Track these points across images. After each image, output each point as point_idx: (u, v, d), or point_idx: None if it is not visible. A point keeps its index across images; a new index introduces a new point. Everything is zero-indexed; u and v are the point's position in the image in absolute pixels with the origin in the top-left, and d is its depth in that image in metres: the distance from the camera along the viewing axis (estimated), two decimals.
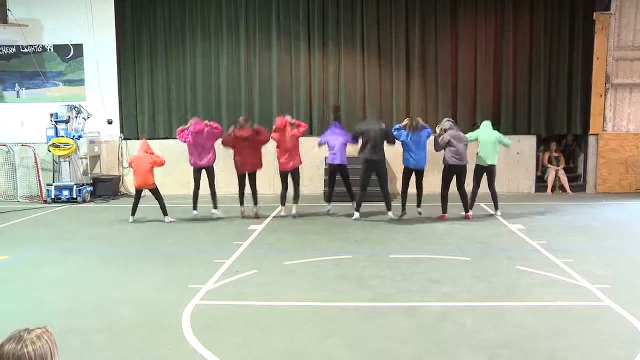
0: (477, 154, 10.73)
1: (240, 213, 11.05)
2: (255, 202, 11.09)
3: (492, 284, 6.74)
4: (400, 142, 10.66)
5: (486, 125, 11.03)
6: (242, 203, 11.09)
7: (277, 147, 11.01)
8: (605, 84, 13.70)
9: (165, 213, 10.85)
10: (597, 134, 13.82)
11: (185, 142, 10.92)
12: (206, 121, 11.05)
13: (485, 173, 10.75)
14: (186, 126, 11.00)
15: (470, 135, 10.81)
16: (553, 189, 13.89)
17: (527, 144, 13.99)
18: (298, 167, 11.10)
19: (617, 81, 13.68)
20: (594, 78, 13.67)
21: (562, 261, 7.58)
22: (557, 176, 13.87)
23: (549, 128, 14.01)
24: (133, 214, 10.90)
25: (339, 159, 10.90)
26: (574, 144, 14.80)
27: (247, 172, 10.96)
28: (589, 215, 11.10)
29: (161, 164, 10.85)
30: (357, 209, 10.76)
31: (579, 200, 12.77)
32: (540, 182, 14.11)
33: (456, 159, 10.43)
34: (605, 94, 13.73)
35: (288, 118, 11.06)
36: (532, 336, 5.17)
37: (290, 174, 11.04)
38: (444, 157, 10.54)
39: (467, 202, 10.68)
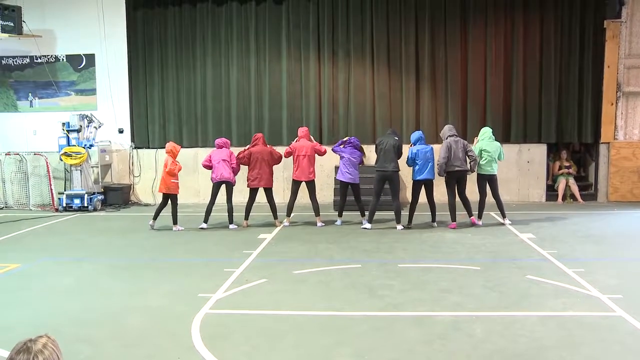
0: (478, 163, 10.74)
1: (243, 225, 11.07)
2: (275, 217, 11.15)
3: (502, 293, 6.70)
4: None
5: (487, 133, 11.04)
6: (247, 217, 11.13)
7: (294, 156, 11.07)
8: (617, 92, 13.62)
9: (175, 222, 10.90)
10: (608, 143, 13.73)
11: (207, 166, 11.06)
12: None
13: (487, 182, 10.76)
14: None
15: (475, 148, 10.79)
16: (564, 198, 13.79)
17: (538, 152, 13.93)
18: (313, 180, 11.16)
19: (628, 89, 13.60)
20: (605, 86, 13.60)
21: (573, 271, 7.52)
22: (567, 185, 13.78)
23: (559, 136, 13.93)
24: (155, 218, 10.94)
25: (348, 177, 10.93)
26: (581, 150, 14.71)
27: (258, 188, 11.01)
28: (601, 224, 11.01)
29: (172, 171, 10.84)
30: (370, 220, 10.76)
31: (590, 209, 12.67)
32: (551, 191, 14.02)
33: (456, 166, 10.48)
34: (616, 102, 13.65)
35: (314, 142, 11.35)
36: (543, 346, 5.14)
37: (306, 184, 11.08)
38: (444, 168, 10.58)
39: (470, 207, 10.72)
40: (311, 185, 11.12)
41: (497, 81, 13.83)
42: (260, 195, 11.10)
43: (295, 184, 11.15)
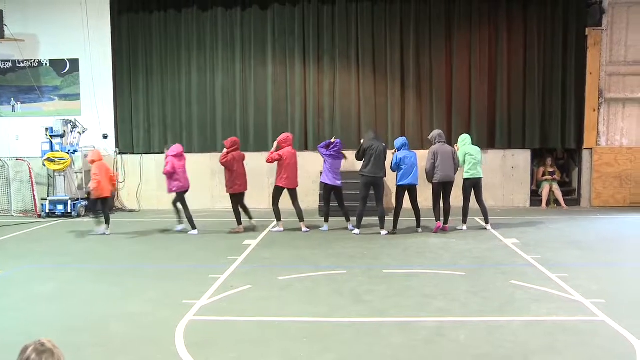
0: (464, 168, 10.82)
1: (240, 230, 11.05)
2: (251, 217, 11.19)
3: (486, 299, 6.73)
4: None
5: (468, 138, 11.14)
6: (240, 222, 11.14)
7: (285, 163, 10.94)
8: (599, 98, 13.80)
9: (107, 222, 11.04)
10: (591, 149, 13.89)
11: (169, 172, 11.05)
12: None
13: (473, 187, 10.87)
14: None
15: (459, 154, 10.85)
16: (548, 204, 13.92)
17: (522, 158, 14.05)
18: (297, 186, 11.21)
19: (610, 96, 13.78)
20: (587, 93, 13.78)
21: (557, 276, 7.58)
22: (551, 190, 13.91)
23: (543, 142, 14.06)
24: (108, 222, 11.04)
25: (335, 180, 10.95)
26: (564, 157, 14.85)
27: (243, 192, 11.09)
28: (584, 229, 11.12)
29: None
30: (358, 225, 10.76)
31: (574, 215, 12.80)
32: (535, 196, 14.14)
33: (445, 177, 10.61)
34: (598, 109, 13.83)
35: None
36: (527, 351, 5.17)
37: (290, 191, 11.06)
38: (432, 174, 10.69)
39: (449, 215, 10.85)
40: (295, 192, 11.12)
41: (482, 87, 13.94)
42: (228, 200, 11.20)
43: (280, 191, 11.07)
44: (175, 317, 6.16)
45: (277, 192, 11.11)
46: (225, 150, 11.00)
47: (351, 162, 11.52)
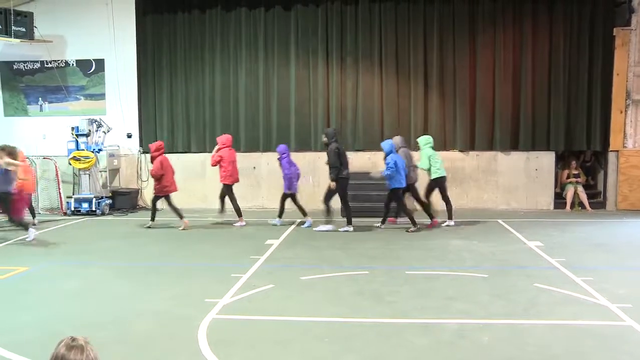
0: (429, 168, 11.19)
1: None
2: (182, 217, 11.55)
3: (510, 301, 6.66)
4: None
5: (431, 140, 11.54)
6: (154, 219, 11.75)
7: (226, 162, 11.61)
8: (626, 100, 13.56)
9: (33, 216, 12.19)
10: (617, 151, 13.66)
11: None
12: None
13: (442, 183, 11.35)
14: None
15: (422, 156, 11.27)
16: (572, 206, 13.73)
17: (546, 160, 13.86)
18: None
19: (637, 97, 13.53)
20: (614, 94, 13.54)
21: (582, 279, 7.47)
22: (576, 193, 13.71)
23: (568, 144, 13.86)
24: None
25: (296, 187, 11.78)
26: (592, 159, 14.61)
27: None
28: (609, 232, 10.95)
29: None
30: (350, 222, 11.14)
31: (599, 218, 12.60)
32: (559, 199, 13.95)
33: (412, 178, 11.19)
34: (625, 111, 13.59)
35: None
36: (551, 355, 5.10)
37: (230, 188, 11.76)
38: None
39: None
40: (232, 187, 11.76)
41: (506, 89, 13.79)
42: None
43: (230, 188, 11.70)
44: (198, 315, 6.20)
45: (228, 190, 11.73)
46: (151, 156, 11.60)
47: (373, 161, 11.70)
